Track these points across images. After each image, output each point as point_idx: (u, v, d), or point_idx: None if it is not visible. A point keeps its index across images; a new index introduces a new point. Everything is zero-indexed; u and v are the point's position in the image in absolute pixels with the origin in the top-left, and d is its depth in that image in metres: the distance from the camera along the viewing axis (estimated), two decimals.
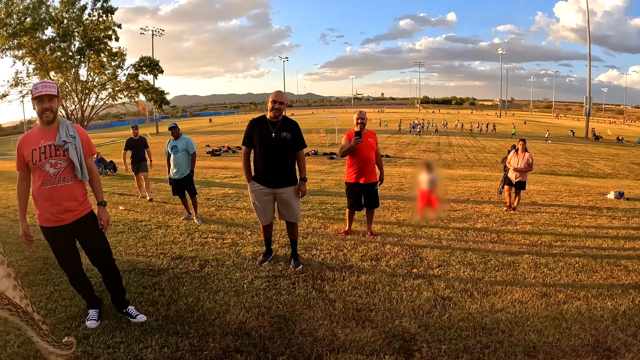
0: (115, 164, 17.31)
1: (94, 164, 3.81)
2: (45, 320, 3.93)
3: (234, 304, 4.06)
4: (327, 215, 7.62)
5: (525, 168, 8.67)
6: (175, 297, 4.26)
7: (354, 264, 5.08)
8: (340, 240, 6.06)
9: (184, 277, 4.77)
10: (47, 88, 3.45)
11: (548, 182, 14.43)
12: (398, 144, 33.76)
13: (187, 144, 7.85)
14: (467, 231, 6.67)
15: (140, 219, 7.82)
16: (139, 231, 6.89)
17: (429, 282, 4.52)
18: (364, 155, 6.12)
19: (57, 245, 3.66)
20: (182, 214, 7.89)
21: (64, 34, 30.87)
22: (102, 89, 34.13)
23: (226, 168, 17.24)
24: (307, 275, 4.71)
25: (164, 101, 35.88)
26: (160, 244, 6.10)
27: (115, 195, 10.87)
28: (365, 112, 6.26)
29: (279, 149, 4.77)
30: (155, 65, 34.98)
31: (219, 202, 9.13)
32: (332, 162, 21.72)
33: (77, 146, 3.56)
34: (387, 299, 4.11)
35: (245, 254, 5.49)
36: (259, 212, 5.02)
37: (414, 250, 5.61)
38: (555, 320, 3.78)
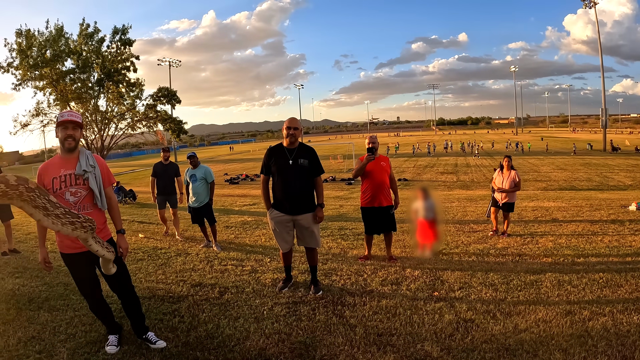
0: (134, 193, 17.50)
1: (113, 193, 3.87)
2: (64, 344, 4.00)
3: (254, 331, 4.05)
4: (347, 240, 7.58)
5: (510, 189, 7.91)
6: (195, 324, 4.27)
7: (374, 289, 5.04)
8: (360, 265, 6.02)
9: (204, 304, 4.78)
10: (73, 116, 3.56)
11: (568, 197, 14.21)
12: (415, 167, 33.61)
13: (205, 172, 7.86)
14: (488, 252, 6.58)
15: (160, 246, 7.88)
16: (158, 259, 6.94)
17: (451, 305, 4.46)
18: (377, 179, 6.12)
19: (77, 271, 3.72)
20: (201, 242, 7.92)
21: (84, 66, 31.70)
22: (121, 119, 34.83)
23: (245, 196, 17.31)
24: (327, 301, 4.68)
25: (181, 130, 36.36)
26: (179, 271, 6.14)
27: (135, 223, 10.96)
28: (377, 136, 6.29)
29: (297, 176, 4.83)
30: (173, 96, 35.63)
31: (238, 230, 9.15)
32: (350, 187, 21.65)
33: (97, 175, 3.63)
34: (408, 323, 4.06)
35: (265, 281, 5.48)
36: (279, 238, 5.04)
37: (434, 273, 5.55)
38: (580, 338, 3.69)
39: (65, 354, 3.83)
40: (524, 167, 30.44)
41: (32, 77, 30.97)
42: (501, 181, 8.05)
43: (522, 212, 10.26)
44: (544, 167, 30.43)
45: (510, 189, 7.89)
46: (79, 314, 4.71)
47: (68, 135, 3.53)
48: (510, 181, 7.95)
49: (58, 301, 5.19)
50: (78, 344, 3.99)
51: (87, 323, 4.43)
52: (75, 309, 4.86)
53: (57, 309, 4.93)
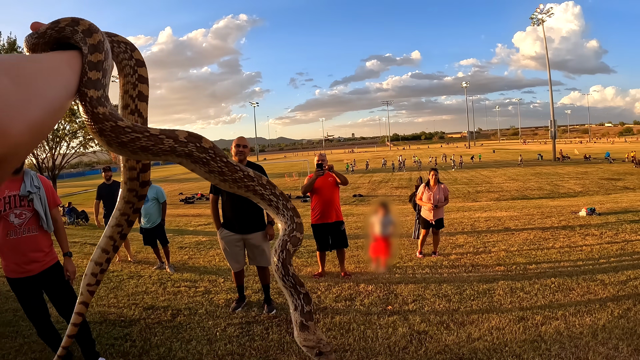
0: (87, 214, 17.04)
1: (59, 215, 3.83)
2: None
3: (206, 353, 3.99)
4: (301, 258, 7.59)
5: (443, 201, 7.56)
6: (147, 348, 4.18)
7: (328, 305, 5.05)
8: (314, 282, 6.03)
9: (156, 327, 4.69)
10: None
11: (520, 207, 14.63)
12: (370, 183, 33.93)
13: (157, 192, 7.69)
14: (442, 263, 6.70)
15: (111, 269, 7.64)
16: (110, 282, 6.75)
17: (404, 318, 4.51)
18: (326, 195, 6.21)
19: (24, 297, 3.62)
20: (154, 264, 7.76)
21: None
22: (73, 137, 33.89)
23: (199, 215, 17.08)
24: (281, 319, 4.66)
25: None
26: (132, 295, 6.00)
27: (87, 245, 10.64)
28: (325, 155, 6.41)
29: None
30: None
31: (192, 250, 9.04)
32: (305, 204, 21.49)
33: (42, 197, 3.58)
34: (362, 338, 4.08)
35: (218, 302, 5.42)
36: (230, 258, 5.04)
37: (388, 287, 5.60)
38: (533, 343, 3.80)
39: None
40: (477, 179, 31.21)
41: None
42: (430, 197, 7.52)
43: (475, 222, 10.51)
44: (496, 178, 31.25)
45: (444, 202, 7.57)
46: (29, 340, 4.57)
47: None
48: (442, 193, 7.55)
49: (7, 328, 5.03)
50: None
51: (37, 350, 4.30)
52: (24, 336, 4.71)
53: (5, 336, 4.78)
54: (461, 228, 9.91)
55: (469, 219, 11.38)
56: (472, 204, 17.89)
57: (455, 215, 12.74)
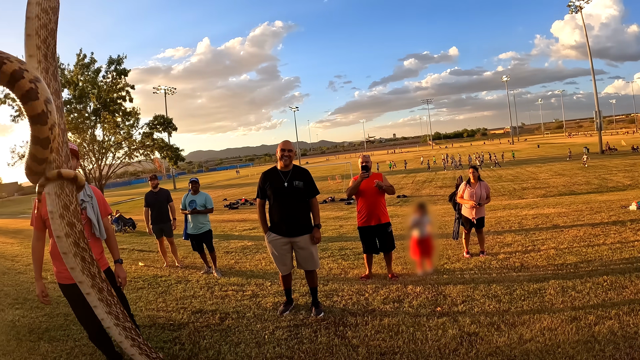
0: (134, 221, 17.49)
1: (109, 223, 3.91)
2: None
3: (255, 356, 4.00)
4: (347, 260, 7.52)
5: (485, 199, 7.36)
6: (196, 351, 4.23)
7: (376, 308, 4.98)
8: (361, 284, 5.96)
9: (205, 331, 4.74)
10: (70, 145, 3.54)
11: (568, 202, 14.18)
12: (414, 183, 33.61)
13: (206, 199, 7.85)
14: (490, 263, 6.54)
15: (160, 274, 7.86)
16: (158, 287, 6.91)
17: (454, 319, 4.40)
18: (371, 197, 6.13)
19: (76, 302, 3.68)
20: (201, 268, 7.89)
21: (80, 96, 31.93)
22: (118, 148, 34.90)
23: (244, 220, 17.27)
24: (329, 322, 4.62)
25: (179, 157, 36.46)
26: (180, 299, 6.10)
27: (135, 251, 10.93)
28: (369, 156, 6.31)
29: (292, 198, 4.86)
30: (169, 123, 35.76)
31: (238, 255, 9.13)
32: (349, 207, 21.59)
33: (94, 205, 3.67)
34: (411, 340, 4.00)
35: (266, 305, 5.44)
36: (278, 261, 5.03)
37: (436, 288, 5.49)
38: (587, 343, 3.63)
39: None
40: (522, 176, 30.51)
41: None
42: (471, 195, 7.36)
43: (523, 220, 10.24)
44: (542, 174, 30.48)
45: (486, 200, 7.40)
46: (79, 344, 4.69)
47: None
48: (484, 191, 7.38)
49: (58, 332, 5.18)
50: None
51: (88, 353, 4.41)
52: (75, 339, 4.84)
53: (57, 340, 4.92)
54: (508, 226, 9.66)
55: (516, 217, 11.09)
56: (518, 201, 17.46)
57: (502, 213, 12.44)
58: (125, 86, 33.69)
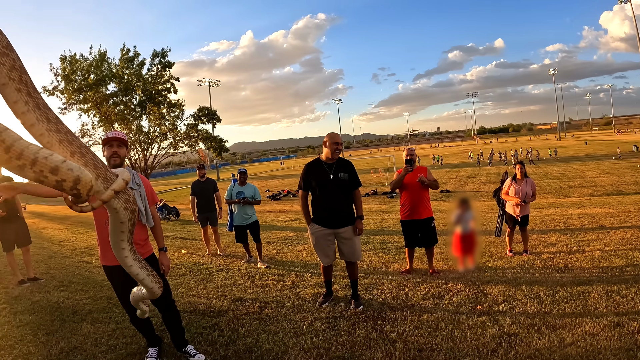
0: (177, 210, 17.87)
1: (156, 212, 4.00)
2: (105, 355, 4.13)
3: (292, 345, 4.05)
4: (388, 254, 7.49)
5: (531, 197, 7.12)
6: (235, 338, 4.32)
7: (415, 303, 4.96)
8: (401, 279, 5.94)
9: (244, 319, 4.83)
10: (117, 134, 3.71)
11: (615, 203, 13.63)
12: (457, 178, 33.05)
13: (255, 191, 7.87)
14: (533, 263, 6.38)
15: (201, 262, 8.05)
16: (200, 274, 7.09)
17: (494, 319, 4.33)
18: (415, 191, 6.08)
19: (119, 285, 3.81)
20: (242, 257, 8.01)
21: (126, 89, 33.01)
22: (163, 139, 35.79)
23: (286, 211, 17.41)
24: (368, 315, 4.63)
25: (223, 148, 37.02)
26: (221, 287, 6.24)
27: (178, 239, 11.21)
28: (414, 149, 6.27)
29: (337, 190, 4.90)
30: (213, 115, 36.36)
31: (280, 245, 9.23)
32: (391, 201, 21.39)
33: (142, 193, 3.77)
34: (450, 338, 3.96)
35: (305, 296, 5.50)
36: (321, 253, 5.07)
37: (477, 286, 5.41)
38: (629, 351, 3.51)
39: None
40: (569, 173, 29.56)
41: (76, 100, 32.55)
42: (517, 192, 7.13)
43: (568, 220, 9.94)
44: (590, 172, 29.44)
45: (531, 198, 7.14)
46: (121, 326, 4.86)
47: (113, 153, 3.65)
48: (530, 188, 7.11)
49: (101, 314, 5.38)
50: (118, 355, 4.12)
51: (129, 335, 4.57)
52: (117, 322, 5.02)
53: (99, 321, 5.12)
54: (553, 225, 9.40)
55: (562, 215, 10.78)
56: (564, 199, 16.95)
57: (547, 211, 12.12)
58: (169, 78, 34.50)
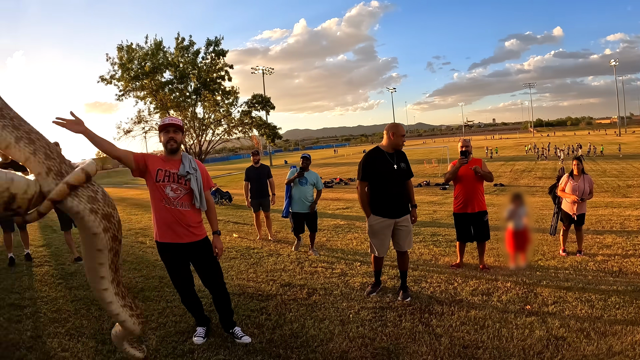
0: (230, 195, 18.25)
1: (210, 196, 4.11)
2: (155, 332, 4.30)
3: (338, 333, 4.11)
4: (439, 247, 7.45)
5: (588, 194, 6.82)
6: (281, 322, 4.42)
7: (463, 298, 4.93)
8: (450, 273, 5.91)
9: (291, 304, 4.94)
10: (174, 120, 3.85)
11: None
12: (512, 172, 32.16)
13: (317, 179, 7.78)
14: (587, 264, 6.21)
15: (252, 246, 8.25)
16: (250, 258, 7.28)
17: (543, 320, 4.26)
18: (469, 184, 6.00)
19: (172, 264, 3.95)
20: (293, 243, 8.11)
21: (181, 76, 34.27)
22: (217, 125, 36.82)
23: (338, 199, 17.44)
24: (415, 308, 4.65)
25: (276, 135, 37.64)
26: (270, 271, 6.39)
27: (230, 223, 11.52)
28: (470, 140, 6.18)
29: (399, 180, 4.94)
30: (267, 102, 36.93)
31: (330, 233, 9.31)
32: (444, 192, 21.04)
33: (198, 178, 3.86)
34: (496, 337, 3.93)
35: (353, 285, 5.55)
36: (378, 244, 5.07)
37: (528, 285, 5.31)
38: None
39: (154, 340, 4.15)
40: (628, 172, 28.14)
41: (133, 87, 34.26)
42: (574, 189, 6.85)
43: (625, 221, 9.53)
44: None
45: (588, 195, 6.86)
46: (171, 305, 5.06)
47: (170, 138, 3.78)
48: (588, 185, 6.81)
49: (152, 292, 5.62)
50: (167, 333, 4.31)
51: (178, 314, 4.75)
52: (167, 301, 5.23)
53: (150, 300, 5.35)
54: (609, 226, 9.05)
55: (619, 216, 10.36)
56: (622, 199, 16.20)
57: (603, 211, 11.68)
58: (224, 66, 35.40)
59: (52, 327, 4.70)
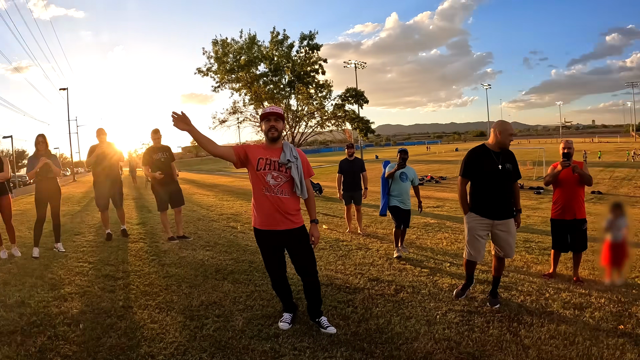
0: (321, 186, 18.64)
1: (310, 185, 4.20)
2: (242, 313, 4.53)
3: (423, 333, 4.10)
4: (531, 254, 7.17)
5: None
6: (367, 316, 4.47)
7: (554, 311, 4.75)
8: (542, 282, 5.70)
9: (378, 299, 5.00)
10: (275, 109, 4.01)
11: None
12: (611, 179, 30.01)
13: (415, 174, 7.54)
14: None
15: (341, 239, 8.43)
16: (339, 250, 7.43)
17: (635, 343, 4.02)
18: (570, 189, 5.78)
19: (267, 249, 4.11)
20: (383, 239, 8.21)
21: (275, 69, 35.68)
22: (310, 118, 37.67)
23: (428, 197, 17.18)
24: (504, 315, 4.56)
25: (369, 130, 37.83)
26: (358, 265, 6.49)
27: (319, 214, 11.76)
28: (572, 142, 5.94)
29: (503, 181, 4.76)
30: (361, 96, 37.18)
31: (420, 231, 9.28)
32: (538, 197, 20.00)
33: (299, 166, 3.96)
34: (585, 355, 3.77)
35: (442, 285, 5.52)
36: (472, 245, 4.93)
37: (622, 303, 5.02)
38: None
39: (241, 321, 4.36)
40: None
41: (229, 80, 36.08)
42: None
43: None
44: None
45: None
46: (259, 289, 5.31)
47: (271, 126, 3.93)
48: None
49: (242, 275, 5.92)
50: (254, 315, 4.50)
51: (266, 298, 4.98)
52: (256, 285, 5.50)
53: (239, 282, 5.64)
54: None
55: None
56: None
57: None
58: (317, 60, 36.15)
59: (143, 299, 5.14)
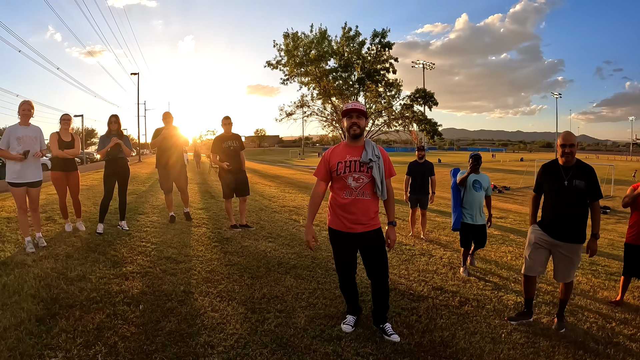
0: None
1: (391, 185, 4.12)
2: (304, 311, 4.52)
3: (488, 351, 3.99)
4: (598, 278, 6.85)
5: None
6: (432, 327, 4.36)
7: (620, 342, 4.50)
8: (609, 310, 5.41)
9: (443, 310, 4.88)
10: (357, 105, 3.95)
11: None
12: None
13: (489, 183, 6.79)
14: None
15: (404, 242, 8.32)
16: (402, 254, 7.32)
17: None
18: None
19: (340, 249, 4.10)
20: (446, 246, 8.06)
21: (345, 65, 35.90)
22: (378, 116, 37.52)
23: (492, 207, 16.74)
24: (569, 341, 4.37)
25: (436, 132, 37.31)
26: (422, 271, 6.38)
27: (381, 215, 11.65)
28: None
29: (569, 199, 4.44)
30: (430, 97, 36.71)
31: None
32: (605, 217, 18.96)
33: (380, 166, 3.90)
34: None
35: (507, 302, 5.35)
36: (530, 258, 4.74)
37: None
38: None
39: (303, 319, 4.35)
40: None
41: (298, 73, 36.57)
42: None
43: None
44: None
45: None
46: (322, 287, 5.28)
47: (353, 123, 3.90)
48: None
49: (304, 271, 5.91)
50: (316, 314, 4.45)
51: (329, 298, 4.94)
52: (319, 282, 5.47)
53: (302, 278, 5.62)
54: None
55: None
56: None
57: None
58: (388, 58, 36.05)
59: (205, 285, 5.23)
